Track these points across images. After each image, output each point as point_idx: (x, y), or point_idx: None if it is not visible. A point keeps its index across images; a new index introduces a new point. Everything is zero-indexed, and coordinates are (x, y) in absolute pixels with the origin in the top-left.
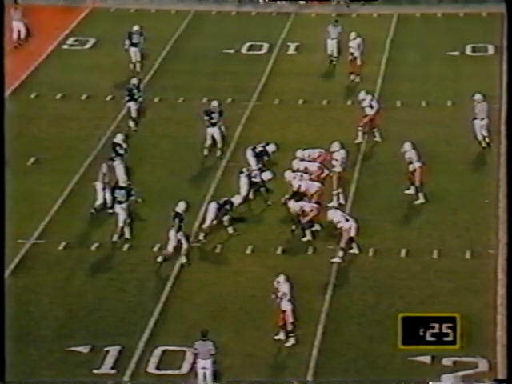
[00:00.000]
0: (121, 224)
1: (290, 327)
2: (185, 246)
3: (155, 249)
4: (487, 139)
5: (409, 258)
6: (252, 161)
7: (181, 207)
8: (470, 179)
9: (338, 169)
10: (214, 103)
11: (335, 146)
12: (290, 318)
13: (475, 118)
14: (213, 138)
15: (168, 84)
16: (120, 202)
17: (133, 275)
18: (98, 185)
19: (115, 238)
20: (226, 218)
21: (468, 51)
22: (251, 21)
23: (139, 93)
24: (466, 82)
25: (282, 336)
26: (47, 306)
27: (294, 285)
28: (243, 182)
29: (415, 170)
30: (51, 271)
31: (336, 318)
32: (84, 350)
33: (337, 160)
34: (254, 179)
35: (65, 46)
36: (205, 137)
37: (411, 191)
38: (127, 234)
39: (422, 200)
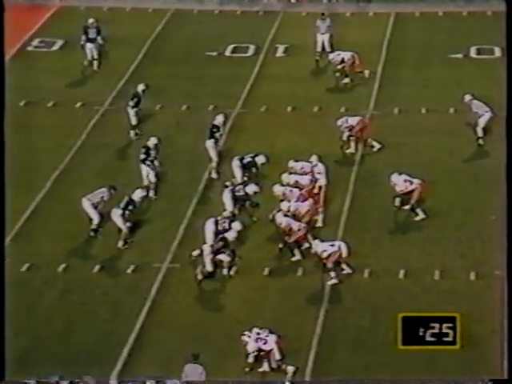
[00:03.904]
0: (124, 230)
1: (274, 365)
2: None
3: (129, 270)
4: (480, 141)
5: (408, 279)
6: (238, 172)
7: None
8: (474, 193)
9: (323, 182)
10: (220, 118)
11: (314, 158)
12: (276, 355)
13: (480, 116)
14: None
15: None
16: (118, 207)
17: (105, 298)
18: (90, 207)
19: (120, 244)
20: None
21: (472, 53)
22: (236, 20)
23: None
24: (470, 86)
25: (266, 367)
26: (9, 332)
27: (283, 309)
28: (227, 196)
29: (413, 189)
30: (14, 295)
31: (329, 345)
32: (51, 381)
33: (320, 173)
34: (237, 193)
35: (29, 48)
36: (210, 156)
37: (409, 206)
38: (120, 244)
39: (422, 216)
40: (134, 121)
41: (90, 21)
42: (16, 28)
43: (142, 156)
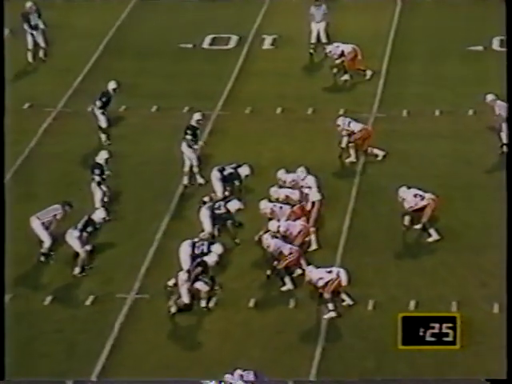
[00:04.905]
0: (82, 255)
1: None
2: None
3: (88, 302)
4: (505, 148)
5: (419, 312)
6: (218, 186)
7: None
8: (497, 210)
9: (316, 197)
10: (197, 116)
11: (302, 170)
12: None
13: (504, 120)
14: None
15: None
16: (75, 228)
17: (59, 335)
18: (40, 227)
19: (77, 270)
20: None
21: (495, 45)
22: (215, 7)
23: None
24: (492, 84)
25: None
26: None
27: (272, 347)
28: (205, 215)
29: (424, 206)
30: None
31: None
32: None
33: (310, 188)
34: (217, 211)
35: None
36: (184, 160)
37: (420, 225)
38: (77, 271)
39: (435, 236)
40: (103, 123)
41: (28, 4)
42: None
43: (97, 178)
